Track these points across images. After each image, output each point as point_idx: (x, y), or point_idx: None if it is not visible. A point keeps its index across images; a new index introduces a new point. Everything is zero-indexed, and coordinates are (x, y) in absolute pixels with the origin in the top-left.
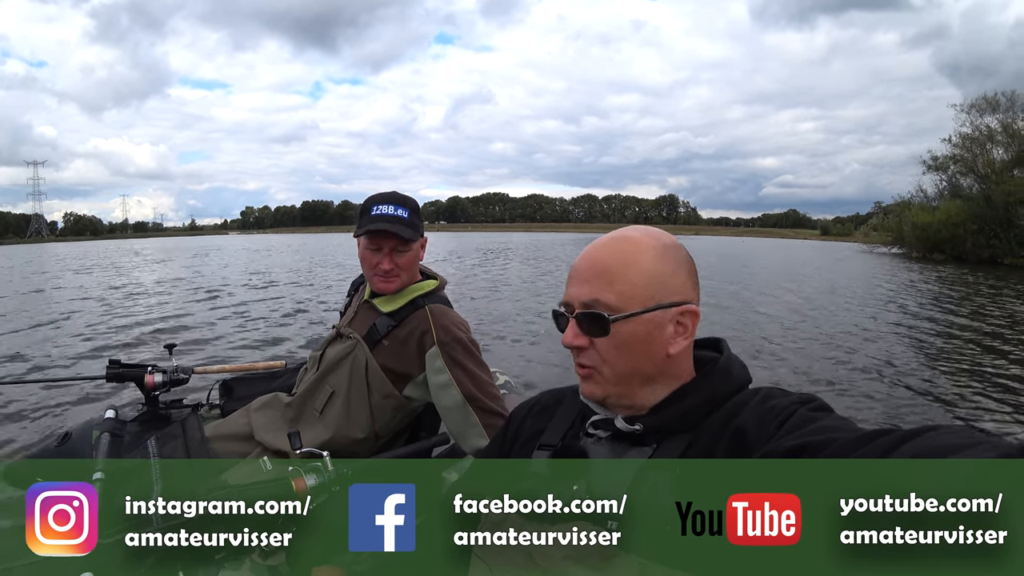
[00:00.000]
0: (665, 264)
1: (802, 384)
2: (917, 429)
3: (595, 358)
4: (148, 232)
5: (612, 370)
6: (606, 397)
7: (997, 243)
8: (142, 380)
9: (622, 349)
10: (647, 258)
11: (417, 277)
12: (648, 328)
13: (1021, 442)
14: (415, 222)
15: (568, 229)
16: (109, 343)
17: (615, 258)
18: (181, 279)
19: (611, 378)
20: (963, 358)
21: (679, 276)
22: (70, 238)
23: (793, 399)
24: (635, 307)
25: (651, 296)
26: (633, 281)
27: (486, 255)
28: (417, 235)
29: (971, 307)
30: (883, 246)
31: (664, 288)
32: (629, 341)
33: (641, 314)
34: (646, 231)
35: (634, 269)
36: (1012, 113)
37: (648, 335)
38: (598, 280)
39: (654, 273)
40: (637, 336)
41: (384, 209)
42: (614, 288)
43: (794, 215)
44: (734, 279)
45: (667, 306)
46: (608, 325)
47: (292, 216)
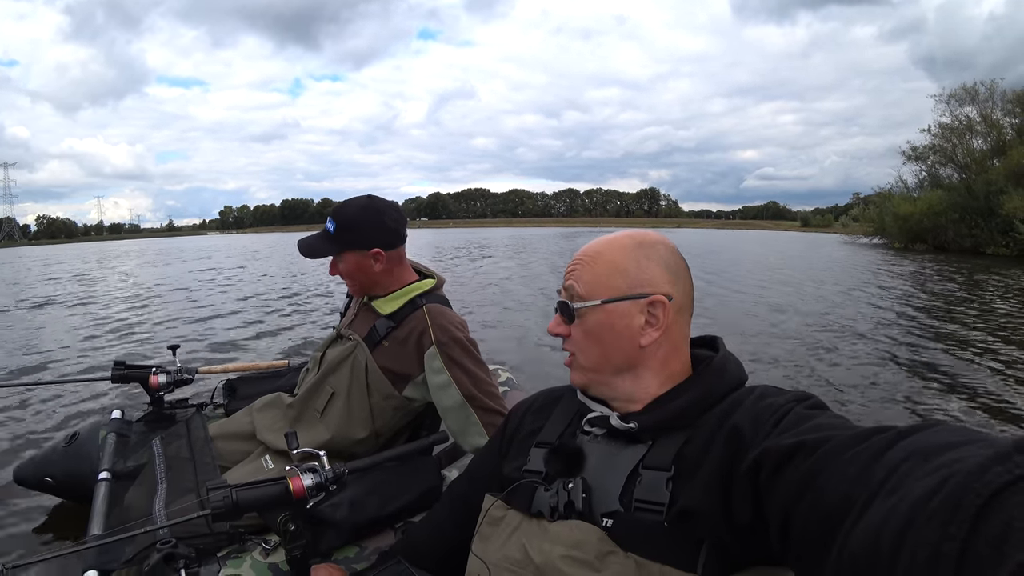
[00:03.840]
0: (633, 258)
1: (796, 382)
2: (913, 427)
3: (572, 345)
4: (124, 234)
5: (584, 357)
6: (587, 385)
7: (979, 232)
8: (147, 381)
9: (590, 337)
10: (616, 252)
11: (406, 279)
12: (613, 318)
13: (1016, 440)
14: (341, 236)
15: (550, 224)
16: (113, 344)
17: (589, 253)
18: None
19: (585, 365)
20: (962, 352)
21: (650, 269)
22: (43, 241)
23: (789, 397)
24: (599, 296)
25: (615, 287)
26: (598, 272)
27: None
28: (334, 249)
29: (963, 298)
30: (864, 237)
31: (630, 279)
32: (595, 329)
33: (605, 304)
34: (630, 232)
35: (601, 261)
36: (991, 103)
37: (614, 325)
38: (574, 272)
39: (619, 265)
40: (603, 325)
41: (328, 220)
42: (583, 279)
43: (774, 207)
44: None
45: (634, 297)
46: (572, 312)
47: (272, 215)
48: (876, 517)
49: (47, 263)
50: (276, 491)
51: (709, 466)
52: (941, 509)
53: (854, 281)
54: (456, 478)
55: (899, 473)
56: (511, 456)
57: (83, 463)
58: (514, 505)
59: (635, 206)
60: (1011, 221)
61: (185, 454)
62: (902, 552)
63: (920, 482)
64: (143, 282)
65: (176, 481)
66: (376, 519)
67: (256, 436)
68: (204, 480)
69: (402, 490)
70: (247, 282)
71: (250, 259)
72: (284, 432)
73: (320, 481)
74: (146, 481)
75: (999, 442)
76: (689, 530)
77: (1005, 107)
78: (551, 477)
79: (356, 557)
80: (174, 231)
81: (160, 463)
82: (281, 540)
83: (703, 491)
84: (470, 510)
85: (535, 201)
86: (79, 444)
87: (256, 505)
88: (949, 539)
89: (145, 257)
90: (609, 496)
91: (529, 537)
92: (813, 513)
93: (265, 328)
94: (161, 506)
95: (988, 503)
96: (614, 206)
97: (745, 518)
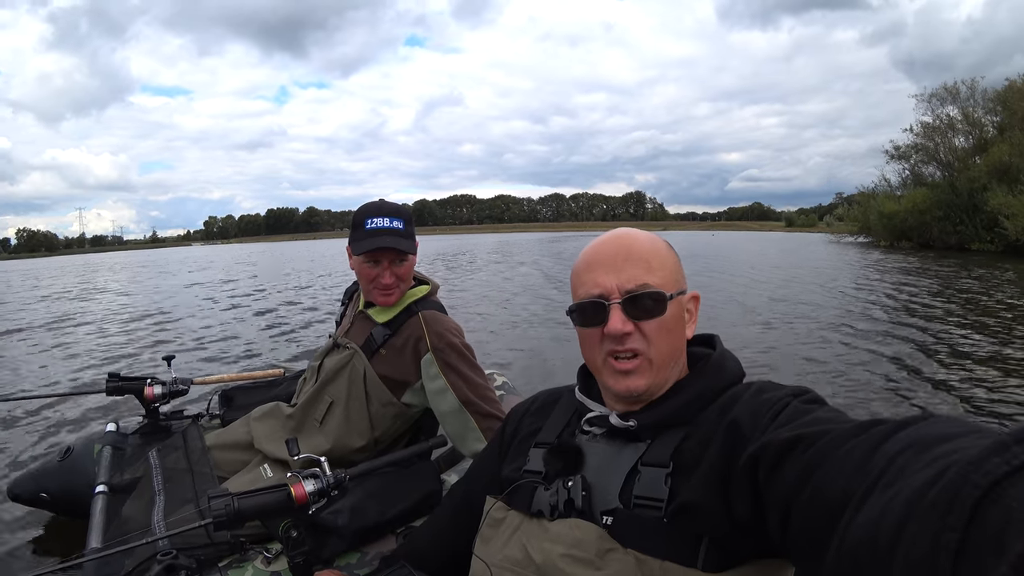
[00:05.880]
0: (674, 254)
1: (794, 377)
2: (910, 419)
3: (642, 343)
4: (107, 246)
5: (659, 353)
6: (649, 387)
7: (964, 229)
8: (142, 392)
9: (667, 330)
10: (662, 247)
11: (411, 284)
12: (679, 311)
13: (1014, 430)
14: (411, 232)
15: (536, 228)
16: (107, 356)
17: (644, 246)
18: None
19: (658, 362)
20: (954, 346)
21: (681, 266)
22: (23, 255)
23: (786, 392)
24: (673, 289)
25: (676, 281)
26: (667, 266)
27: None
28: (414, 246)
29: (950, 293)
30: (849, 235)
31: (681, 274)
32: (670, 323)
33: (677, 296)
34: (647, 232)
35: (663, 254)
36: (972, 101)
37: (680, 318)
38: (635, 266)
39: (675, 259)
40: (676, 318)
41: (380, 222)
42: (655, 272)
43: (759, 208)
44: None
45: (685, 291)
46: (667, 304)
47: (257, 225)
48: (875, 509)
49: (28, 277)
50: (278, 498)
51: (708, 461)
52: (940, 500)
53: (845, 278)
54: (456, 482)
55: (897, 465)
56: (510, 458)
57: (79, 477)
58: (514, 506)
59: (621, 210)
60: (996, 217)
61: (183, 465)
62: (901, 543)
63: (918, 473)
64: (135, 294)
65: (174, 492)
66: (377, 524)
67: (254, 445)
68: (203, 490)
69: (402, 496)
70: (239, 293)
71: (238, 271)
72: (284, 440)
73: (322, 487)
74: (144, 493)
75: (997, 433)
76: (689, 525)
77: (987, 105)
78: (551, 476)
79: (358, 563)
80: (158, 242)
81: (157, 475)
82: (283, 547)
83: (702, 486)
84: (471, 513)
85: (521, 207)
86: (74, 458)
87: (258, 512)
88: (948, 530)
89: (129, 271)
90: (609, 494)
91: (530, 537)
92: (812, 506)
93: (260, 337)
94: (160, 517)
95: (987, 494)
96: (600, 210)
97: (744, 512)
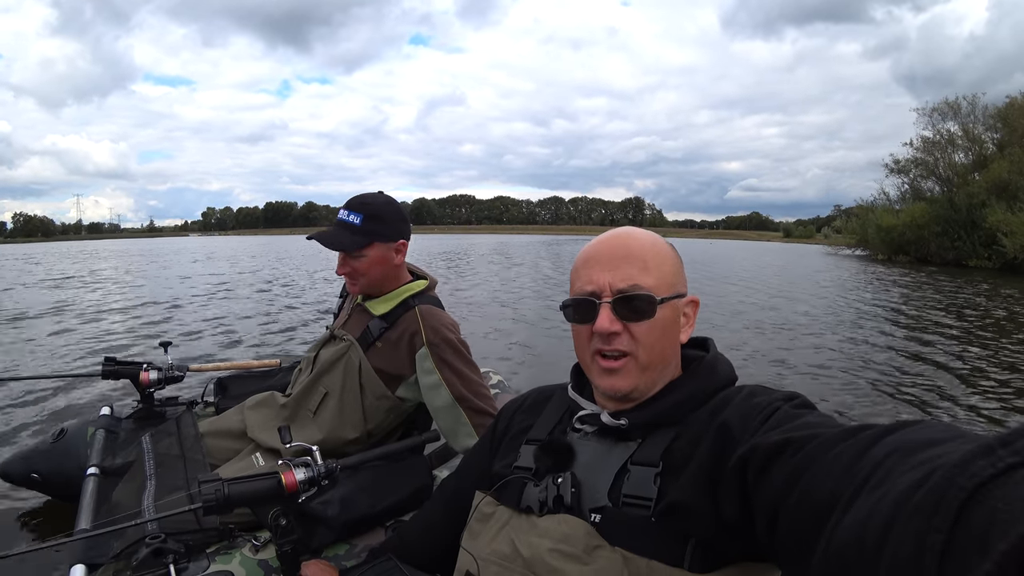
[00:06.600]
0: (676, 257)
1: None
2: (897, 424)
3: (630, 343)
4: (103, 233)
5: (647, 355)
6: (634, 389)
7: (961, 245)
8: (137, 377)
9: (657, 333)
10: (662, 248)
11: (403, 279)
12: (673, 314)
13: (999, 435)
14: (371, 228)
15: (534, 231)
16: (104, 340)
17: (643, 246)
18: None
19: (645, 363)
20: (943, 356)
21: (683, 270)
22: (19, 239)
23: (777, 396)
24: (667, 292)
25: (673, 284)
26: (663, 268)
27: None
28: (364, 241)
29: (947, 307)
30: (847, 248)
31: (680, 278)
32: (662, 325)
33: (671, 299)
34: (647, 232)
35: (662, 256)
36: (973, 117)
37: (674, 321)
38: (630, 266)
39: (675, 262)
40: (668, 321)
41: (341, 215)
42: (650, 273)
43: (757, 218)
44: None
45: (683, 295)
46: (656, 307)
47: (255, 218)
48: (861, 511)
49: (28, 260)
50: (268, 485)
51: (697, 462)
52: (925, 502)
53: (842, 290)
54: (447, 477)
55: (884, 468)
56: (501, 454)
57: (70, 460)
58: (504, 501)
59: (619, 215)
60: (994, 234)
61: (175, 451)
62: (887, 544)
63: (905, 476)
64: (133, 281)
65: (165, 478)
66: (367, 517)
67: (247, 434)
68: (195, 477)
69: (393, 489)
70: (238, 283)
71: (240, 263)
72: (277, 428)
73: (313, 476)
74: (135, 477)
75: (982, 437)
76: (676, 525)
77: (987, 122)
78: (541, 473)
79: (346, 555)
80: (155, 232)
81: (149, 460)
82: (272, 535)
83: (691, 487)
84: (461, 508)
85: (520, 208)
86: (67, 440)
87: (248, 498)
88: (934, 531)
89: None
90: (598, 492)
91: (518, 532)
92: (800, 508)
93: (257, 327)
94: (150, 502)
95: (972, 495)
96: (599, 214)
97: (732, 513)
